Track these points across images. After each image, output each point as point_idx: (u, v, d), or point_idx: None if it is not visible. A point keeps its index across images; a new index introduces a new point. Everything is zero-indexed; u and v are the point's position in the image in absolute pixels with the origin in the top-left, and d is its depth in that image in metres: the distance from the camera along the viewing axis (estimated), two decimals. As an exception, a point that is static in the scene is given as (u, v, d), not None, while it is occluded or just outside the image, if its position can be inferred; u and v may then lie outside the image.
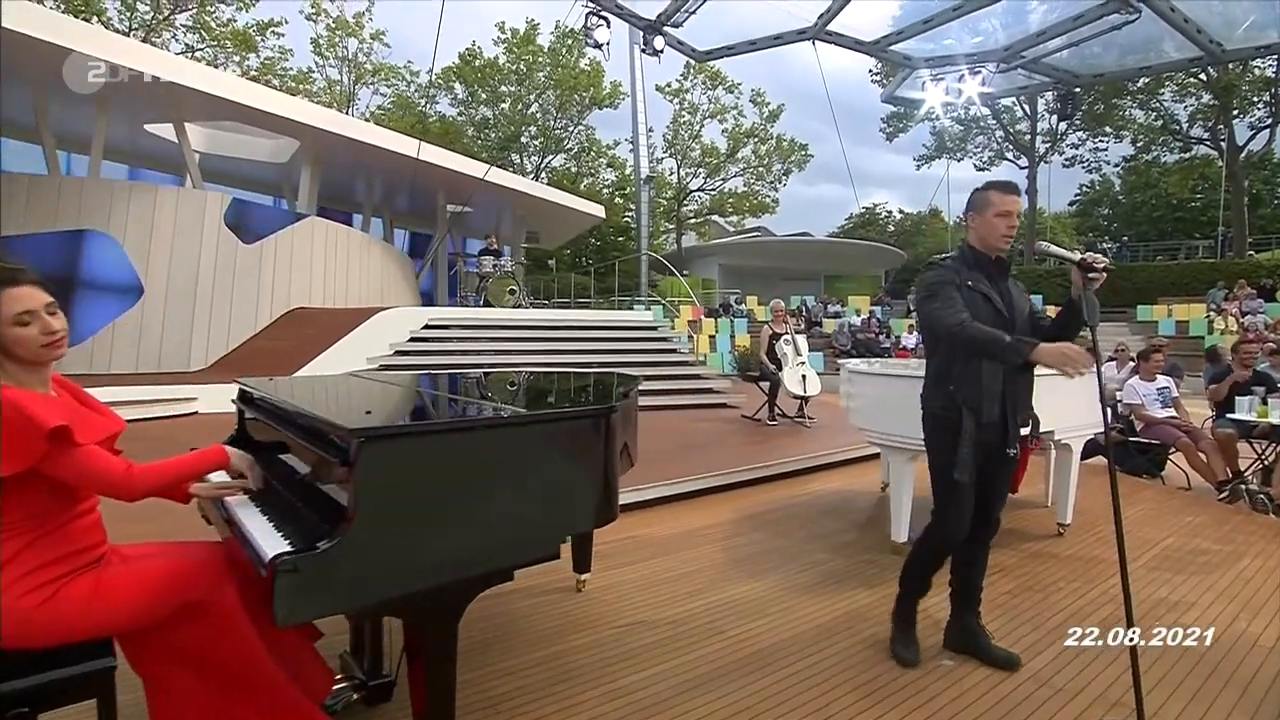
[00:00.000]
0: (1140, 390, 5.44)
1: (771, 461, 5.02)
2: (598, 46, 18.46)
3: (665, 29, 19.55)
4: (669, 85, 29.26)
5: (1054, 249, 1.99)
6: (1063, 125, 26.05)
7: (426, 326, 9.62)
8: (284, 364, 8.70)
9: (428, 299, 16.51)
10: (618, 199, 31.40)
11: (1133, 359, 6.36)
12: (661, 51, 19.76)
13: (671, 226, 31.40)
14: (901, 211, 39.24)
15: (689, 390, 8.88)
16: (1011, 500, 4.26)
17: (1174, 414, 5.36)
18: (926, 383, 2.18)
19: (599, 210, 18.56)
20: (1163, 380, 5.52)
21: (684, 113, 29.83)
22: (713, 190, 31.28)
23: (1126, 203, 32.87)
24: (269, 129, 11.28)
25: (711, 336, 15.65)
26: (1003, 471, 2.18)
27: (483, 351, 9.35)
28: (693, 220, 32.37)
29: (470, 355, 9.26)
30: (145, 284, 9.30)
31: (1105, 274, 1.85)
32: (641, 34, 19.37)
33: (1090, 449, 5.80)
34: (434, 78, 28.21)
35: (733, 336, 14.94)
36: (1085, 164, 29.98)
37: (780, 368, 6.92)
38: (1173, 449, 5.13)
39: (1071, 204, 36.86)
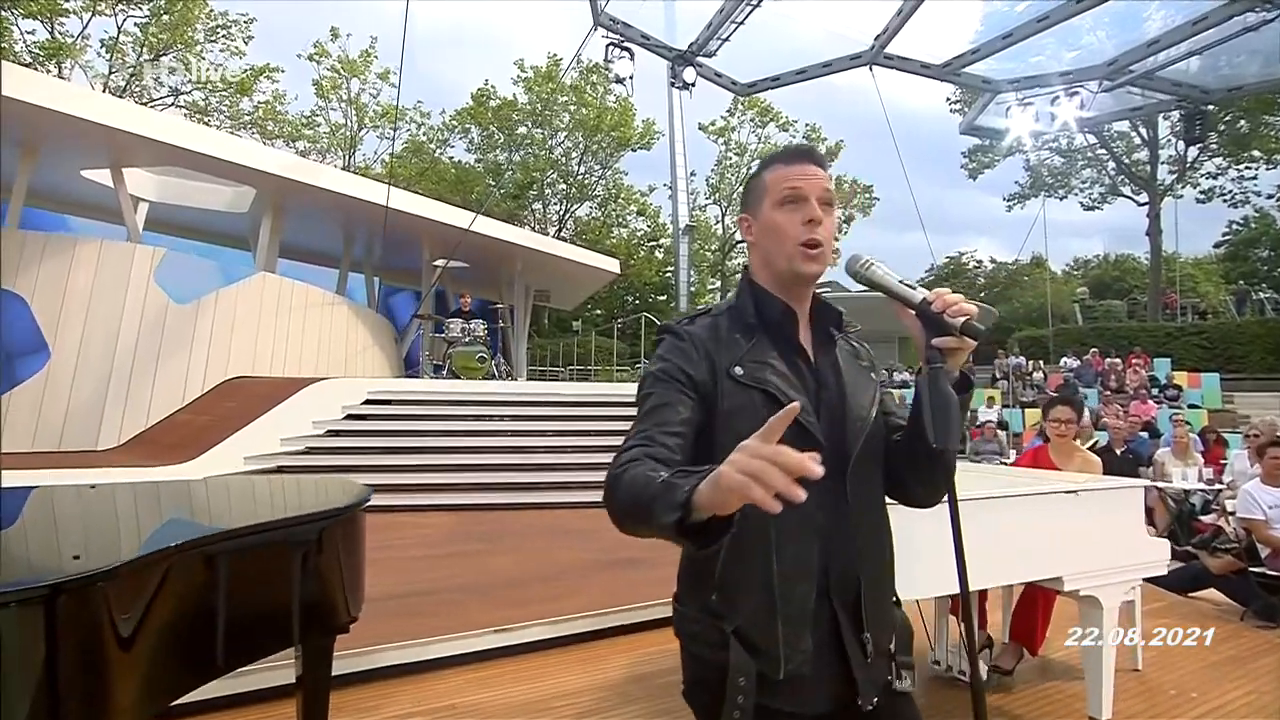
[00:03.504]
0: (1262, 499, 4.42)
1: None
2: (619, 81, 18.74)
3: (698, 60, 19.72)
4: (712, 123, 29.70)
5: (879, 272, 1.15)
6: (1193, 151, 24.76)
7: (367, 401, 9.26)
8: (200, 443, 8.45)
9: (413, 368, 16.37)
10: (657, 252, 31.51)
11: None
12: (693, 85, 19.96)
13: (717, 284, 31.13)
14: (993, 260, 38.10)
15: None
16: (1030, 667, 3.32)
17: (1316, 533, 4.30)
18: (679, 578, 1.31)
19: (612, 265, 18.39)
20: (1295, 485, 4.48)
21: (730, 153, 30.07)
22: (762, 240, 30.84)
23: (1297, 240, 30.72)
24: (218, 175, 11.54)
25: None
26: None
27: (431, 432, 8.90)
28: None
29: (417, 437, 8.84)
30: (52, 348, 9.31)
31: (975, 339, 1.06)
32: (670, 66, 19.68)
33: (1193, 578, 4.76)
34: (449, 118, 29.43)
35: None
36: (1227, 196, 28.28)
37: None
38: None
39: (1218, 245, 34.88)
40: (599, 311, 30.66)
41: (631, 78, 17.38)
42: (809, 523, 1.16)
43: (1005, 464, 6.57)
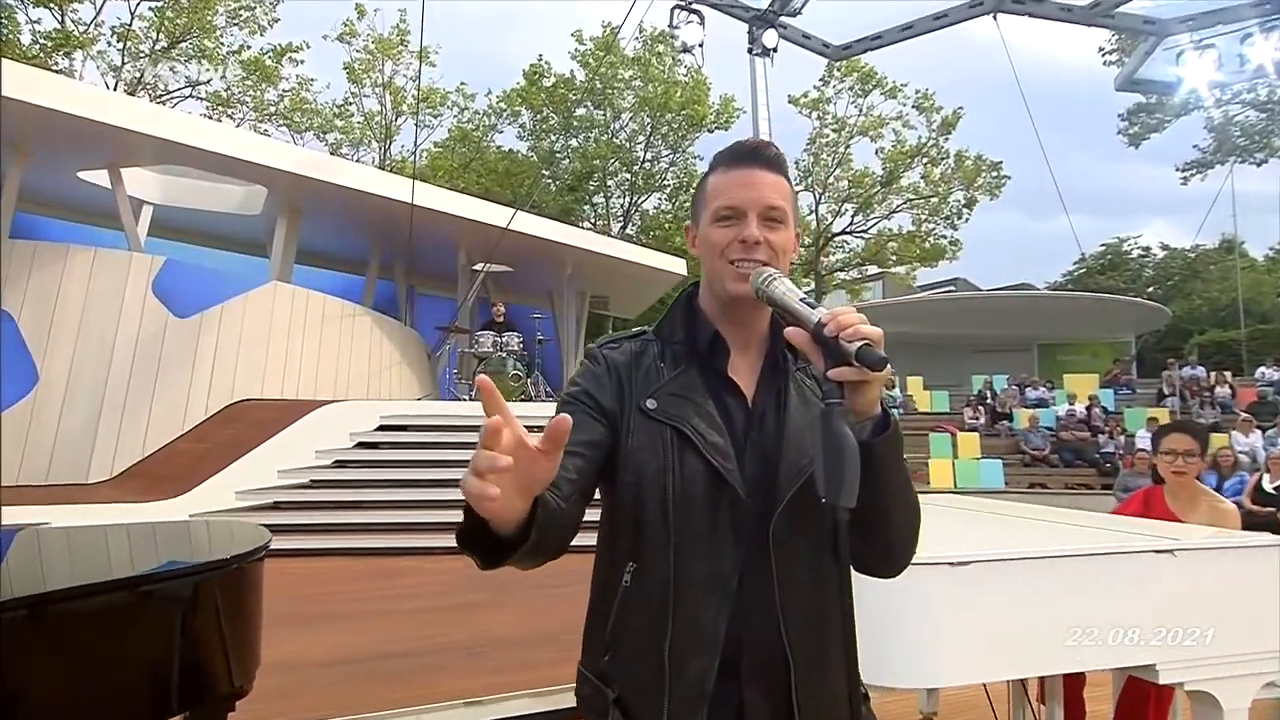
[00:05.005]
0: None
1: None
2: (687, 50, 18.71)
3: (780, 20, 19.52)
4: (804, 95, 29.40)
5: (780, 290, 1.15)
6: None
7: (381, 427, 9.46)
8: (194, 477, 8.78)
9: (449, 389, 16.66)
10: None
11: None
12: (775, 50, 19.74)
13: (810, 284, 30.63)
14: (1165, 246, 36.14)
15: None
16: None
17: None
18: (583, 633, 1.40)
19: (677, 265, 18.30)
20: None
21: (826, 129, 29.69)
22: (864, 232, 30.61)
23: None
24: (225, 173, 12.06)
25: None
26: None
27: (451, 463, 8.96)
28: (841, 274, 31.55)
29: (435, 468, 8.94)
30: (40, 370, 9.87)
31: (874, 369, 1.01)
32: (748, 29, 19.53)
33: None
34: (497, 100, 30.12)
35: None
36: None
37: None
38: None
39: None
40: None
41: (701, 45, 17.26)
42: (717, 582, 1.17)
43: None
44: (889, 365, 1.01)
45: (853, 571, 1.21)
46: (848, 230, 30.75)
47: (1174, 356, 19.62)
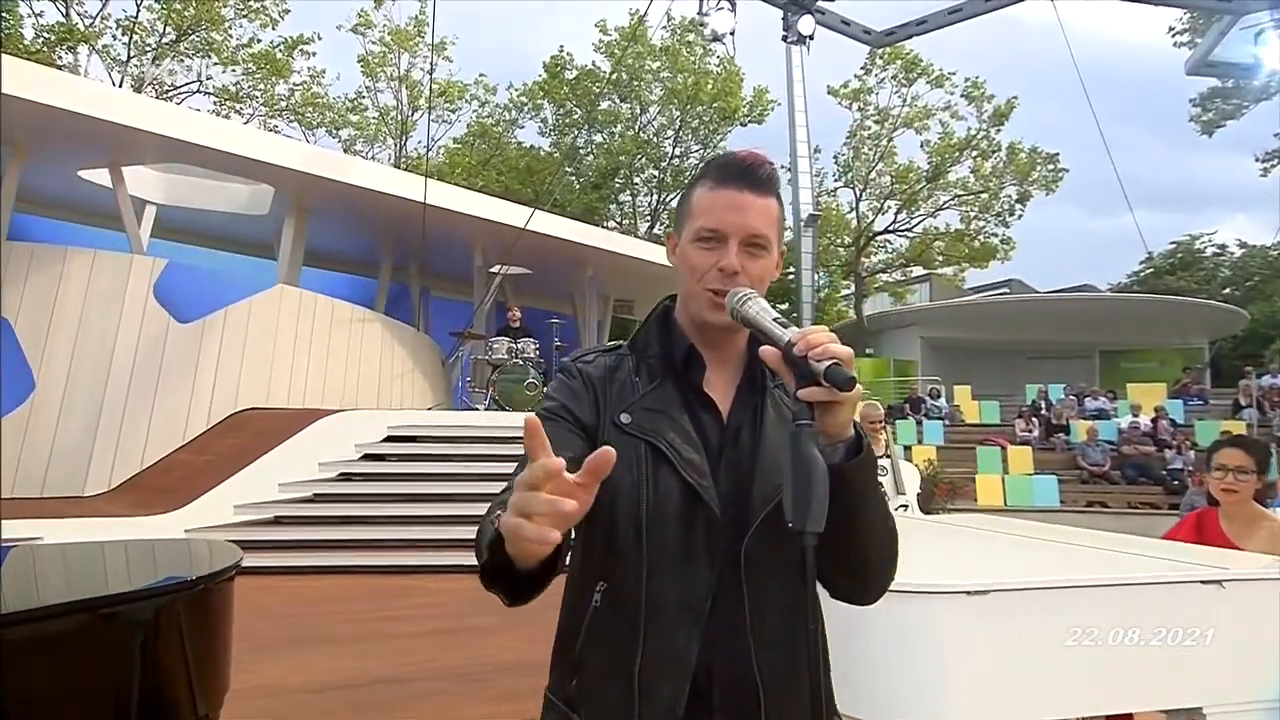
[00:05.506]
0: None
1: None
2: (718, 39, 18.60)
3: (817, 5, 19.33)
4: (844, 85, 29.25)
5: (754, 310, 1.18)
6: None
7: (388, 438, 9.51)
8: (193, 489, 8.89)
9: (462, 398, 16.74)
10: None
11: None
12: (811, 38, 19.59)
13: (850, 287, 30.50)
14: (1243, 244, 35.48)
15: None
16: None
17: None
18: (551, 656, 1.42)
19: (707, 266, 18.26)
20: None
21: (867, 121, 29.52)
22: (909, 231, 30.32)
23: None
24: (229, 171, 12.24)
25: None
26: None
27: (463, 476, 9.06)
28: (884, 275, 31.31)
29: (445, 482, 9.02)
30: (37, 377, 10.05)
31: (842, 389, 1.03)
32: (783, 15, 19.37)
33: None
34: (517, 94, 30.34)
35: (908, 449, 13.44)
36: None
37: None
38: None
39: None
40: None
41: (733, 33, 17.25)
42: (688, 606, 1.19)
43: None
44: (857, 385, 1.03)
45: (864, 601, 1.29)
46: (890, 229, 30.41)
47: (1253, 364, 19.21)
